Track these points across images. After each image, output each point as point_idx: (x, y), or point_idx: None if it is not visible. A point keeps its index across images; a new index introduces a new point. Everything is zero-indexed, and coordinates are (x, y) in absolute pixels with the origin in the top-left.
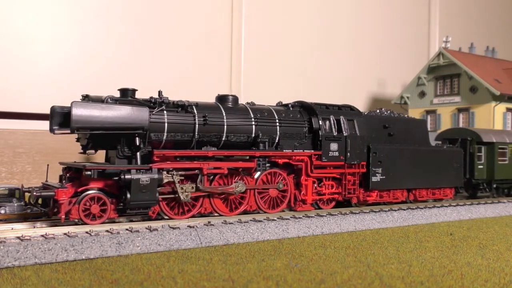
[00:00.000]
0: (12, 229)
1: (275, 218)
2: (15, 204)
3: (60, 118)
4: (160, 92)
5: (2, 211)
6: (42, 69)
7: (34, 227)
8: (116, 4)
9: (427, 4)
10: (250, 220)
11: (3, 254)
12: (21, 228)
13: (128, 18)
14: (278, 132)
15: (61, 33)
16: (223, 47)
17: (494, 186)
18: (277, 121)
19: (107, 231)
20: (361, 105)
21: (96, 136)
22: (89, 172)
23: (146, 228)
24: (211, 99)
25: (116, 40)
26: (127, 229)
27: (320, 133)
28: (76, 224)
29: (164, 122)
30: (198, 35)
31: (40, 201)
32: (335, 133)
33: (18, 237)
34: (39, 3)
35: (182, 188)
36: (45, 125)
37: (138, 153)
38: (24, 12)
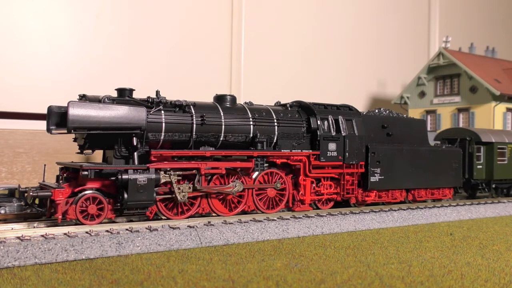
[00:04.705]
0: (12, 229)
1: (275, 218)
2: (15, 204)
3: (57, 118)
4: (157, 92)
5: (2, 211)
6: (42, 69)
7: (34, 227)
8: (115, 4)
9: (427, 4)
10: (250, 220)
11: (3, 254)
12: (21, 228)
13: (127, 18)
14: (276, 132)
15: (60, 33)
16: (223, 47)
17: (493, 186)
18: (275, 121)
19: (107, 231)
20: (361, 105)
21: (93, 136)
22: (86, 172)
23: (146, 228)
24: (212, 99)
25: (115, 40)
26: (127, 229)
27: (318, 133)
28: (76, 224)
29: (162, 122)
30: (198, 35)
31: (37, 201)
32: (333, 133)
33: (18, 237)
34: (39, 2)
35: (179, 188)
36: (45, 125)
37: (135, 153)
38: (23, 12)
